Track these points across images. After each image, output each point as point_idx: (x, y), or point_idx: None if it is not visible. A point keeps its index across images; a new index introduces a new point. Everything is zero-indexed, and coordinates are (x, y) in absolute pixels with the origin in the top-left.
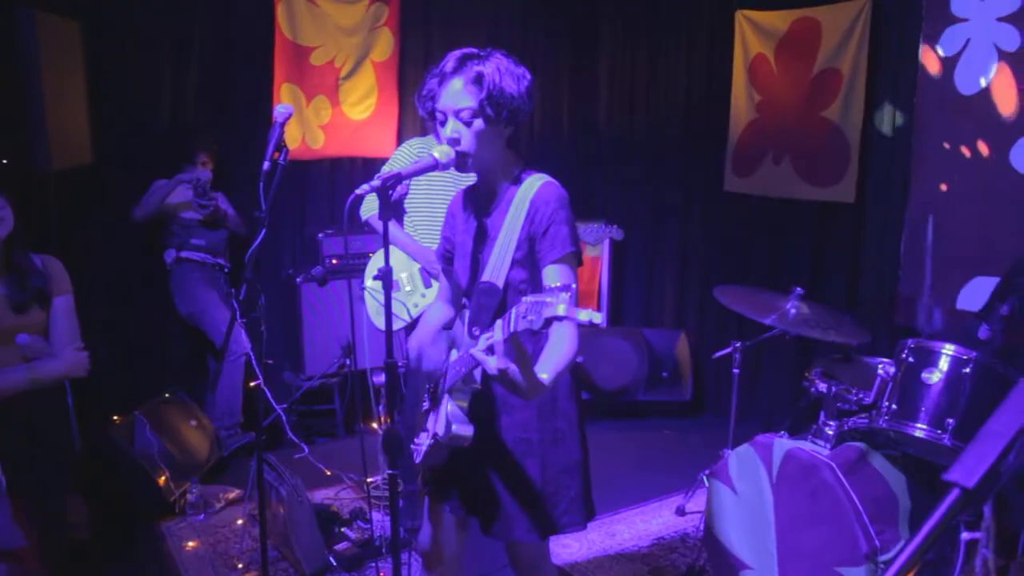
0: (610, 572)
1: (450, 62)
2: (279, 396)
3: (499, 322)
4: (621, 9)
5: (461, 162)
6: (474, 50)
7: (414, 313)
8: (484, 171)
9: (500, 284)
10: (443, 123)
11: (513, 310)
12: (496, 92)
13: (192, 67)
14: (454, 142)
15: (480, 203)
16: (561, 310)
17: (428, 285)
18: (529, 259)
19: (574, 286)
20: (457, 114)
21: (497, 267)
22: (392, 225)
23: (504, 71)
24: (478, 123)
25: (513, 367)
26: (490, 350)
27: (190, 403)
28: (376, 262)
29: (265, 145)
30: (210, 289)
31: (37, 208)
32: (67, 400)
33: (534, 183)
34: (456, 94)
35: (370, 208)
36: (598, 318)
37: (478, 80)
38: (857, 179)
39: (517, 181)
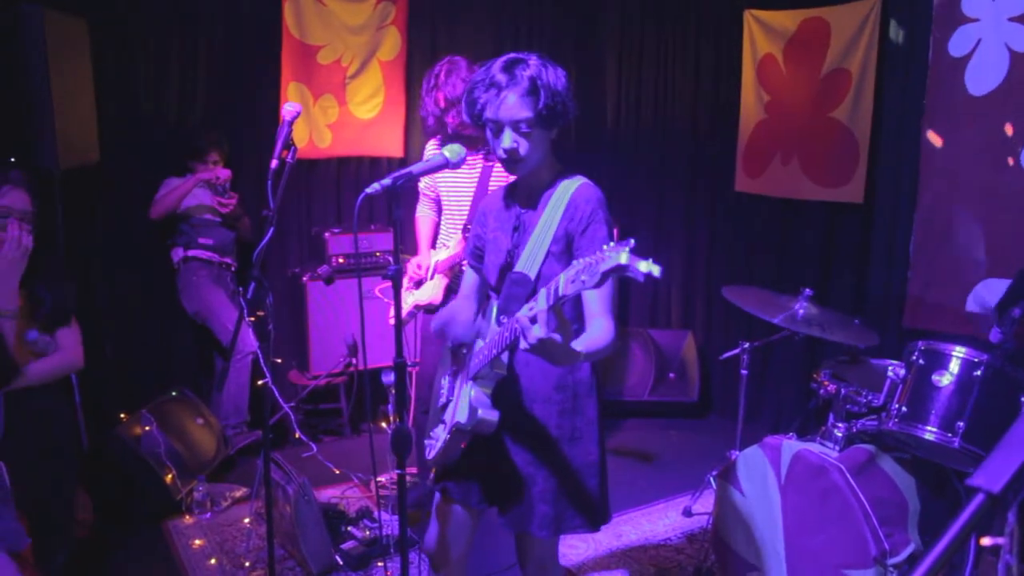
0: (616, 573)
1: (499, 73)
2: (285, 395)
3: (543, 291)
4: (627, 8)
5: (514, 167)
6: (517, 55)
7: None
8: (528, 171)
9: (532, 275)
10: (495, 132)
11: (561, 275)
12: (550, 100)
13: (199, 65)
14: (513, 152)
15: (518, 200)
16: (624, 258)
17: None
18: (565, 255)
19: (633, 241)
20: (515, 126)
21: (531, 259)
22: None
23: (551, 73)
24: (535, 131)
25: (555, 336)
26: (533, 319)
27: (197, 401)
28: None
29: (272, 143)
30: (217, 288)
31: (44, 207)
32: (75, 398)
33: (573, 183)
34: (513, 107)
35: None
36: (657, 271)
37: (533, 90)
38: (866, 180)
39: (556, 181)
